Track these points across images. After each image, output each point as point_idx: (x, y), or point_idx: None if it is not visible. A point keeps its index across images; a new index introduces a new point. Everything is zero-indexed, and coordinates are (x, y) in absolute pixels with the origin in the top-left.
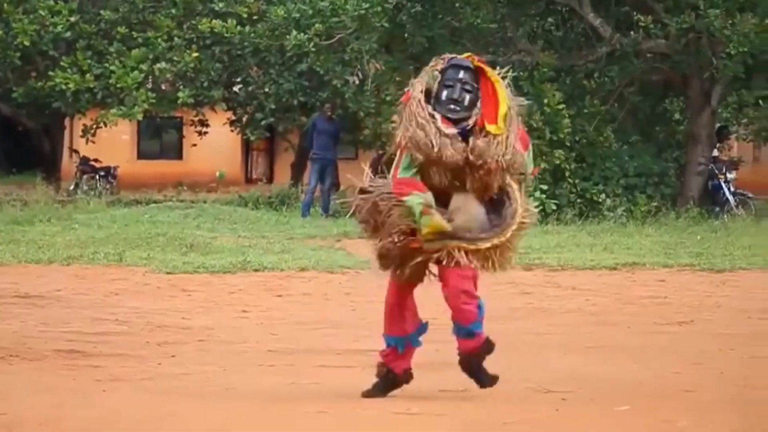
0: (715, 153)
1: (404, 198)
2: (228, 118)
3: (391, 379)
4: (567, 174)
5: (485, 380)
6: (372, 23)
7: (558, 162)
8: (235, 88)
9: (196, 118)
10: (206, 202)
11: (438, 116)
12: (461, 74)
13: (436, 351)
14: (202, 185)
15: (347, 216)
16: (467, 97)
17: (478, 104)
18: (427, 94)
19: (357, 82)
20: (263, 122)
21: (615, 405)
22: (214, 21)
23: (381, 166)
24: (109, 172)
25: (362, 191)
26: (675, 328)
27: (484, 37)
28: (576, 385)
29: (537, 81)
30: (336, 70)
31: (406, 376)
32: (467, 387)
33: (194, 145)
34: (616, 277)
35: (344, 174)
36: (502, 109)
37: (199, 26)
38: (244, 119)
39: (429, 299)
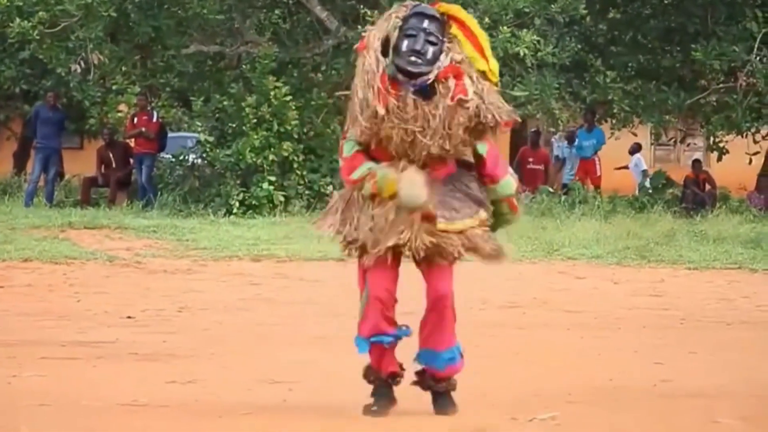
0: None
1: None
2: None
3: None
4: (295, 166)
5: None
6: (98, 12)
7: (286, 154)
8: None
9: None
10: None
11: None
12: (425, 23)
13: (164, 342)
14: None
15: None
16: (430, 49)
17: (442, 57)
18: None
19: (80, 71)
20: None
21: (340, 395)
22: None
23: (110, 156)
24: None
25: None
26: (397, 317)
27: (212, 28)
28: (303, 375)
29: (260, 73)
30: (60, 59)
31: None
32: (195, 378)
33: None
34: (343, 267)
35: (69, 163)
36: (486, 46)
37: None
38: None
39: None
